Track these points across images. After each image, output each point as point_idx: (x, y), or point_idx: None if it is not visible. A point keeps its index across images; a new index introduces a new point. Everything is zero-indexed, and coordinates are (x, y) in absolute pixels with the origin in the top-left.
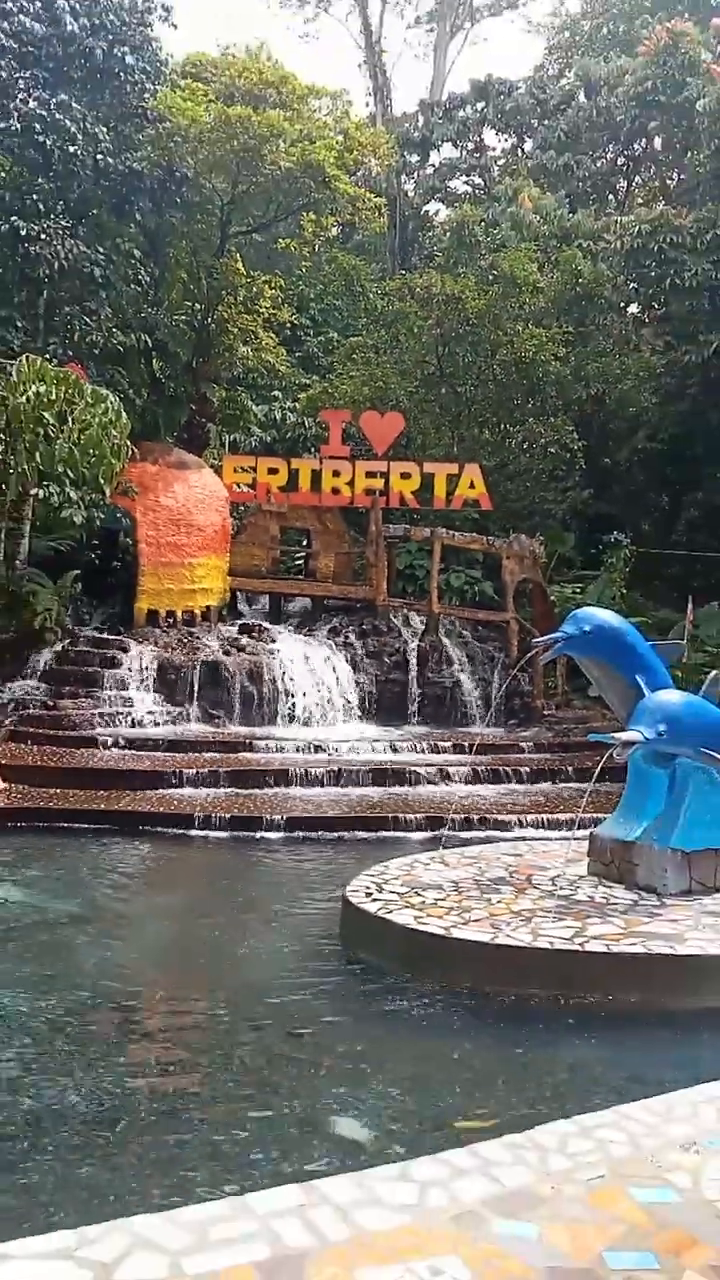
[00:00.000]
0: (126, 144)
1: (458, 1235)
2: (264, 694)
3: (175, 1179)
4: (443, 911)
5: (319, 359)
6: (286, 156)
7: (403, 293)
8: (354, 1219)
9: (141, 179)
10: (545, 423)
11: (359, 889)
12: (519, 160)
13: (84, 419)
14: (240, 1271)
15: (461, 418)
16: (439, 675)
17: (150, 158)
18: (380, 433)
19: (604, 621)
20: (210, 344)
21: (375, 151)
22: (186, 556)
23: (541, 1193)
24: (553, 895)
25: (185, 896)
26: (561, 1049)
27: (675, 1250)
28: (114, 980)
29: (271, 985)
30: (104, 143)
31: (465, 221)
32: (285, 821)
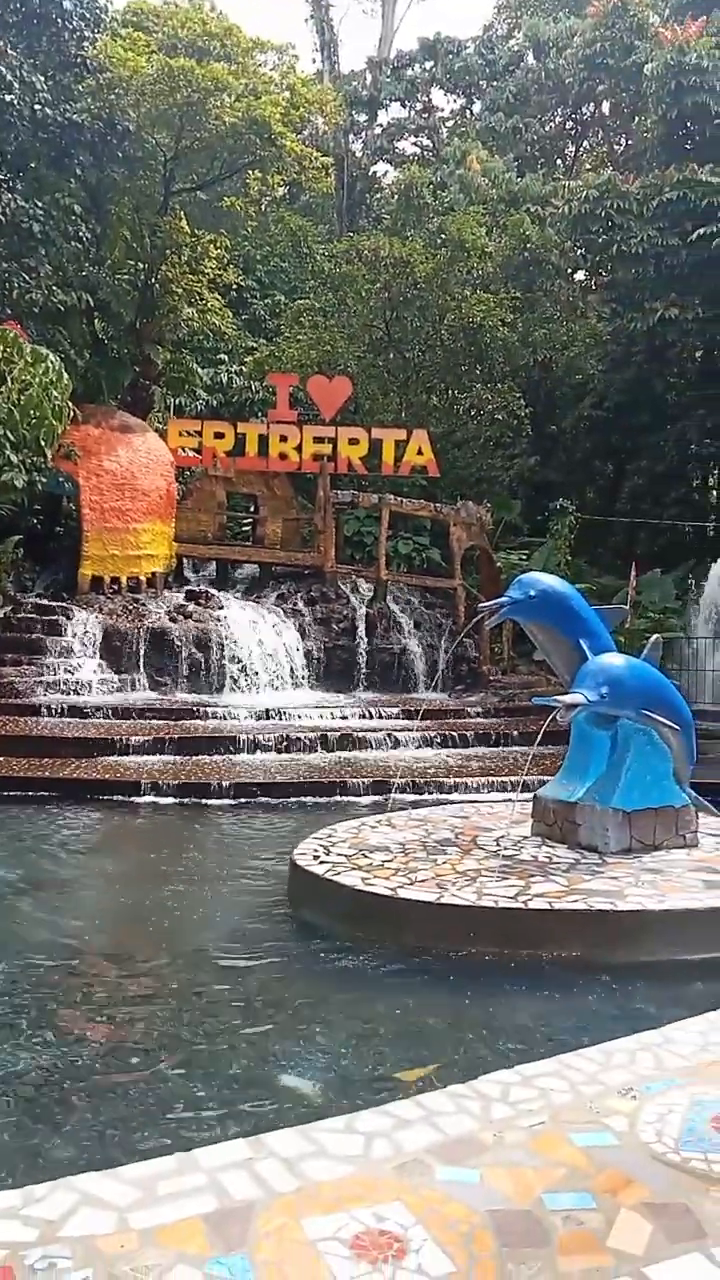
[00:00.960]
0: (65, 94)
1: (401, 1183)
2: (211, 661)
3: (123, 1139)
4: (389, 873)
5: (265, 322)
6: (231, 111)
7: (350, 255)
8: (300, 1170)
9: (81, 131)
10: (492, 389)
11: (306, 852)
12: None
13: (23, 379)
14: (188, 1224)
15: (409, 383)
16: (387, 642)
17: (90, 109)
18: (328, 397)
19: (549, 586)
20: (154, 304)
21: (322, 109)
22: (131, 522)
23: (484, 1140)
24: (497, 855)
25: (132, 863)
26: (505, 1003)
27: (612, 1190)
28: (60, 945)
29: (219, 947)
30: (42, 92)
31: (413, 183)
32: (233, 788)
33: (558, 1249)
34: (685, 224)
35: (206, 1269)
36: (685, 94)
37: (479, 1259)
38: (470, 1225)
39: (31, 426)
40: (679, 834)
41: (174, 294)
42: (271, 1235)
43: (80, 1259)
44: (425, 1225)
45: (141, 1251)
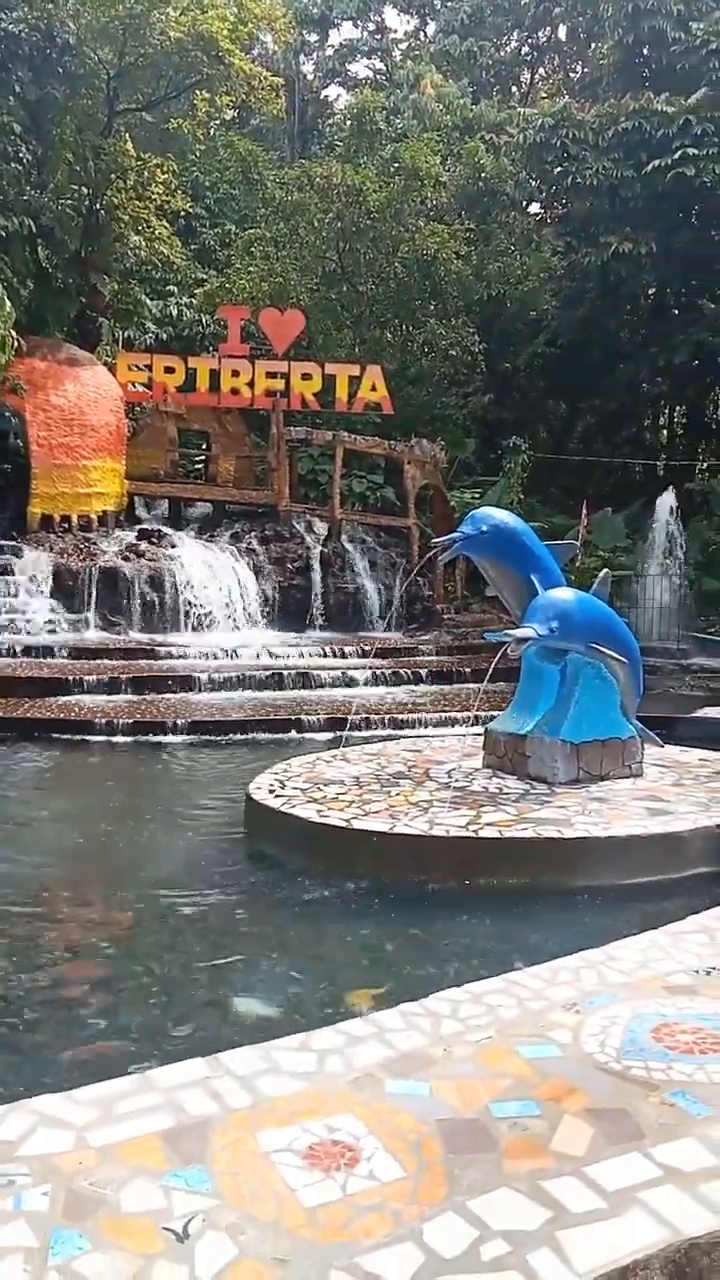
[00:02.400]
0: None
1: (353, 1097)
2: (165, 600)
3: (83, 1064)
4: (343, 805)
5: (215, 252)
6: (176, 26)
7: (302, 182)
8: (255, 1087)
9: (18, 44)
10: (446, 324)
11: (262, 786)
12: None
13: None
14: (145, 1141)
15: (363, 318)
16: (342, 581)
17: (27, 19)
18: (280, 331)
19: (500, 521)
20: (100, 232)
21: (271, 25)
22: (80, 459)
23: (433, 1054)
24: (449, 787)
25: (88, 800)
26: (457, 928)
27: (556, 1098)
28: (14, 881)
29: (175, 879)
30: None
31: (366, 108)
32: (188, 725)
33: (504, 1153)
34: (640, 155)
35: (164, 1181)
36: (642, 18)
37: (428, 1164)
38: (419, 1134)
39: None
40: (625, 764)
41: (120, 221)
42: (227, 1149)
43: (38, 1176)
44: (376, 1135)
45: (99, 1168)
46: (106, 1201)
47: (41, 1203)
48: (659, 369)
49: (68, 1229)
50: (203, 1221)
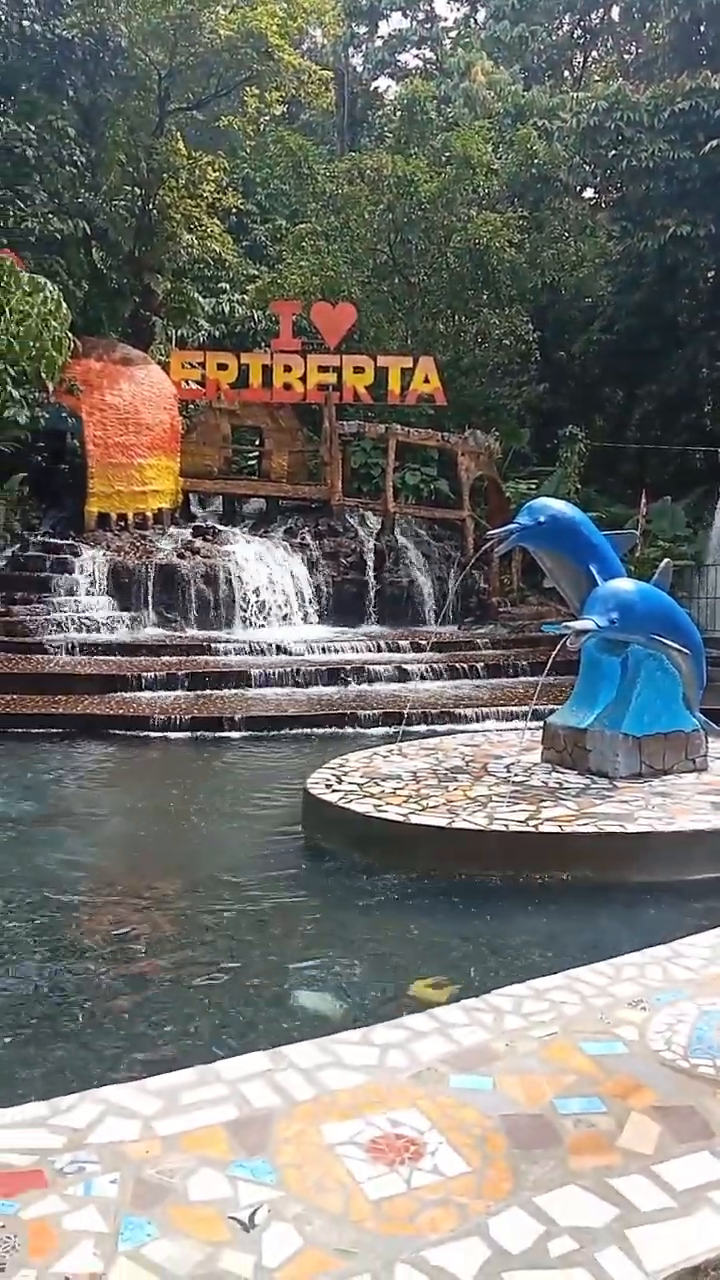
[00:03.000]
0: (54, 8)
1: (416, 1090)
2: (220, 597)
3: (146, 1055)
4: (401, 799)
5: (267, 248)
6: (226, 24)
7: (352, 175)
8: (318, 1080)
9: (72, 49)
10: (500, 314)
11: (319, 781)
12: (471, 31)
13: (21, 309)
14: (210, 1131)
15: (415, 309)
16: (396, 575)
17: (81, 25)
18: (332, 324)
19: (558, 511)
20: (152, 231)
21: (320, 19)
22: (136, 457)
23: (496, 1049)
24: (508, 782)
25: (147, 794)
26: (517, 923)
27: (622, 1095)
28: (77, 873)
29: (235, 872)
30: (29, 7)
31: (416, 97)
32: (244, 721)
33: (569, 1149)
34: (698, 135)
35: (230, 1171)
36: None
37: (492, 1159)
38: (483, 1129)
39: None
40: (688, 758)
41: (172, 219)
42: (291, 1140)
43: (107, 1163)
44: (440, 1129)
45: (166, 1156)
46: (174, 1190)
47: (111, 1190)
48: (719, 353)
49: (137, 1216)
50: (268, 1212)
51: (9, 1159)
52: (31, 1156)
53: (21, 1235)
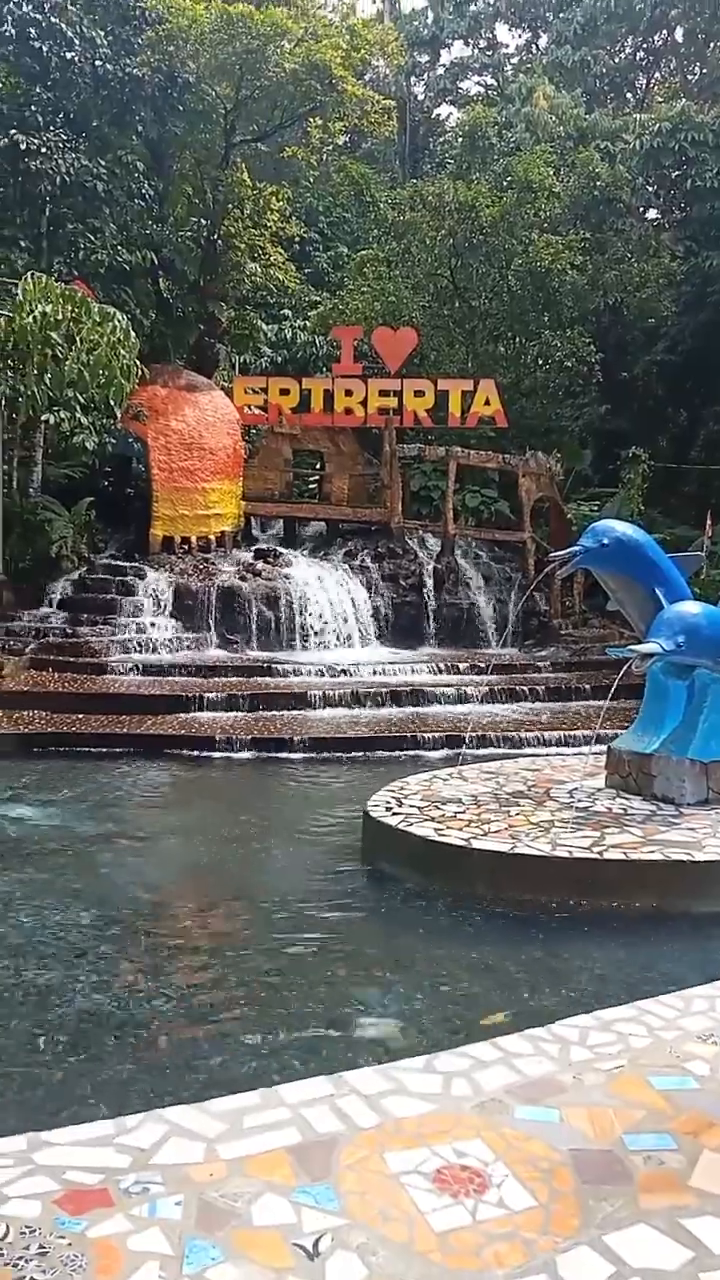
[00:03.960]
0: (125, 48)
1: (481, 1121)
2: (281, 618)
3: (207, 1076)
4: (462, 824)
5: (329, 274)
6: (291, 57)
7: (414, 201)
8: (381, 1107)
9: (142, 86)
10: (561, 335)
11: (379, 804)
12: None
13: (92, 338)
14: (274, 1156)
15: (475, 332)
16: (455, 597)
17: (150, 62)
18: (393, 349)
19: (622, 534)
20: (217, 260)
21: (383, 50)
22: (199, 481)
23: (563, 1081)
24: (571, 807)
25: (208, 815)
26: (581, 951)
27: (694, 1132)
28: (141, 893)
29: (295, 895)
30: (102, 47)
31: (478, 124)
32: (305, 742)
33: (639, 1187)
34: None
35: (293, 1197)
36: None
37: (560, 1194)
38: (550, 1162)
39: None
40: None
41: (237, 249)
42: (355, 1167)
43: (172, 1185)
44: (506, 1161)
45: (230, 1180)
46: (237, 1214)
47: (175, 1211)
48: None
49: (201, 1239)
50: (332, 1240)
51: (76, 1177)
52: (98, 1175)
53: (87, 1254)
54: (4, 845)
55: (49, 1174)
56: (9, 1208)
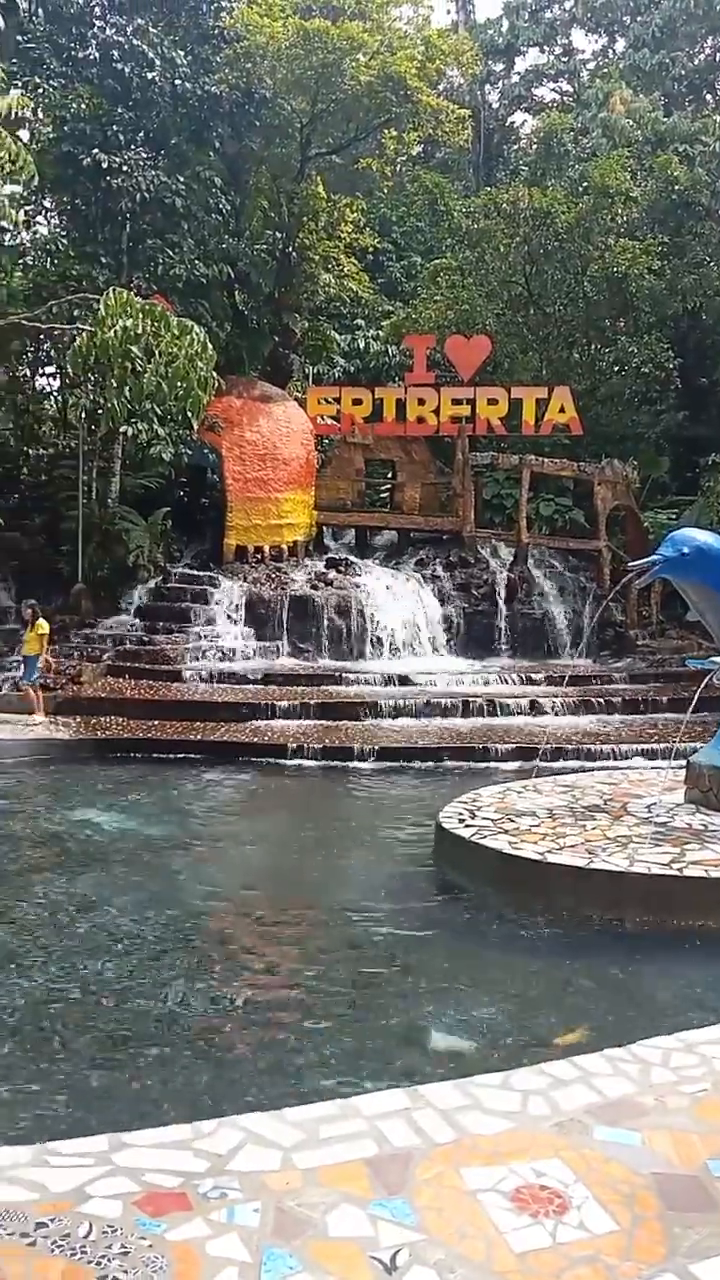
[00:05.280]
0: (204, 67)
1: (560, 1141)
2: (352, 627)
3: (281, 1082)
4: (537, 837)
5: (402, 284)
6: (366, 70)
7: (488, 209)
8: (458, 1122)
9: (219, 103)
10: (638, 341)
11: (452, 815)
12: (610, 62)
13: (170, 351)
14: (350, 1167)
15: (550, 339)
16: (528, 606)
17: (228, 80)
18: (466, 358)
19: (703, 543)
20: (292, 273)
21: (458, 59)
22: (273, 491)
23: (644, 1103)
24: (649, 822)
25: (280, 822)
26: (660, 971)
27: None
28: (215, 899)
29: (367, 905)
30: (181, 67)
31: (553, 130)
32: (376, 751)
33: None
34: None
35: (369, 1209)
36: None
37: (643, 1220)
38: (632, 1186)
39: (178, 399)
40: None
41: (311, 261)
42: (431, 1182)
43: (249, 1191)
44: (586, 1183)
45: (306, 1190)
46: (314, 1224)
47: (253, 1218)
48: None
49: (279, 1248)
50: (410, 1255)
51: (155, 1179)
52: (176, 1178)
53: (167, 1256)
54: (82, 848)
55: (129, 1175)
56: (90, 1206)
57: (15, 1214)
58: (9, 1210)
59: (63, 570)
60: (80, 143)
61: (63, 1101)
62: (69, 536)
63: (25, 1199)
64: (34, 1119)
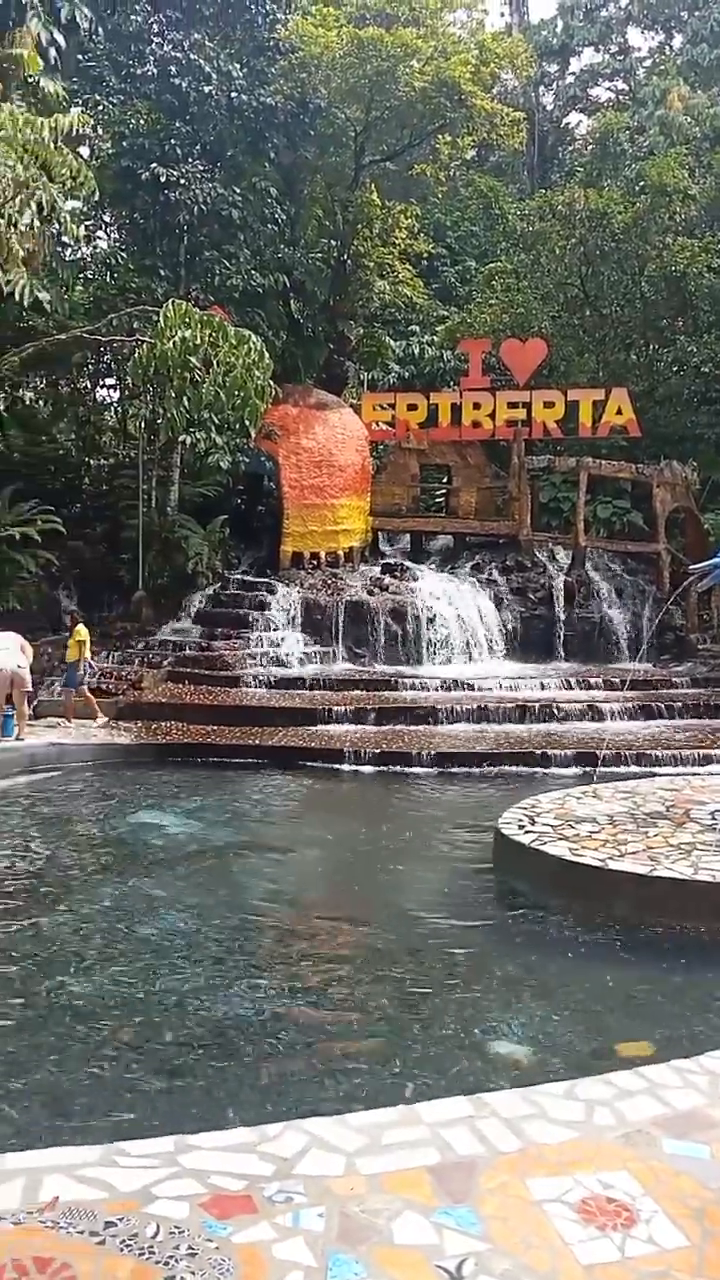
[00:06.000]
0: (259, 79)
1: (627, 1152)
2: (408, 632)
3: (342, 1087)
4: (598, 844)
5: (456, 289)
6: (420, 76)
7: (543, 211)
8: (522, 1131)
9: (275, 114)
10: (697, 340)
11: (511, 821)
12: (667, 59)
13: (228, 361)
14: (414, 1174)
15: (607, 340)
16: (586, 610)
17: (283, 90)
18: (522, 361)
19: None
20: (346, 280)
21: (513, 62)
22: (329, 498)
23: (713, 1116)
24: (713, 829)
25: (339, 827)
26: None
27: None
28: (275, 903)
29: (427, 911)
30: (238, 80)
31: (609, 129)
32: (433, 756)
33: None
34: None
35: (434, 1217)
36: None
37: (714, 1235)
38: (702, 1200)
39: (236, 408)
40: None
41: (366, 268)
42: (496, 1192)
43: (314, 1196)
44: (654, 1197)
45: (370, 1196)
46: (379, 1230)
47: (317, 1223)
48: None
49: (344, 1254)
50: (476, 1265)
51: (220, 1181)
52: (241, 1181)
53: (233, 1259)
54: (145, 852)
55: (195, 1177)
56: (157, 1207)
57: (85, 1212)
58: (78, 1208)
59: (124, 578)
60: (139, 157)
61: (127, 1102)
62: (130, 545)
63: (94, 1198)
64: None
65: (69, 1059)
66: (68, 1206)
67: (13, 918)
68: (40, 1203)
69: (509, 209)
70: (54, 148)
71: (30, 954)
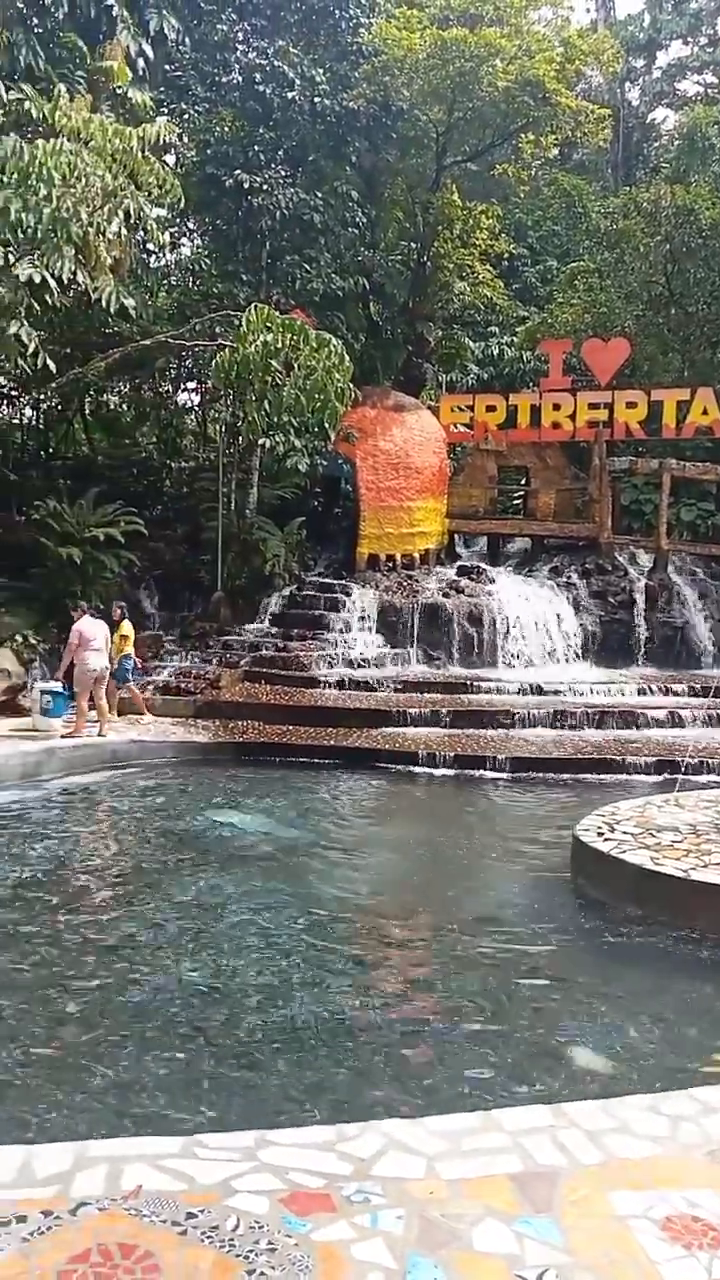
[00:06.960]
0: (342, 83)
1: (714, 1170)
2: (484, 636)
3: (417, 1091)
4: (680, 854)
5: (537, 289)
6: (504, 75)
7: (628, 209)
8: (604, 1144)
9: (357, 118)
10: None
11: (590, 828)
12: None
13: (309, 364)
14: (495, 1181)
15: (692, 339)
16: (668, 615)
17: (365, 94)
18: (604, 361)
19: None
20: (426, 282)
21: (598, 59)
22: (405, 500)
23: None
24: None
25: (412, 829)
26: None
27: None
28: (348, 904)
29: (502, 916)
30: (321, 84)
31: (697, 124)
32: (509, 761)
33: None
34: None
35: (515, 1226)
36: None
37: None
38: None
39: (316, 411)
40: None
41: (445, 270)
42: (578, 1204)
43: (392, 1198)
44: None
45: (451, 1200)
46: (459, 1235)
47: (396, 1225)
48: None
49: (424, 1257)
50: (557, 1277)
51: (299, 1178)
52: (320, 1179)
53: (312, 1257)
54: (221, 848)
55: (273, 1173)
56: (237, 1200)
57: (166, 1202)
58: (160, 1198)
59: (203, 579)
60: (223, 165)
61: (203, 1095)
62: (209, 546)
63: (175, 1189)
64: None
65: (143, 1051)
66: (150, 1196)
67: (101, 911)
68: (123, 1190)
69: (592, 207)
70: (141, 157)
71: (124, 943)
